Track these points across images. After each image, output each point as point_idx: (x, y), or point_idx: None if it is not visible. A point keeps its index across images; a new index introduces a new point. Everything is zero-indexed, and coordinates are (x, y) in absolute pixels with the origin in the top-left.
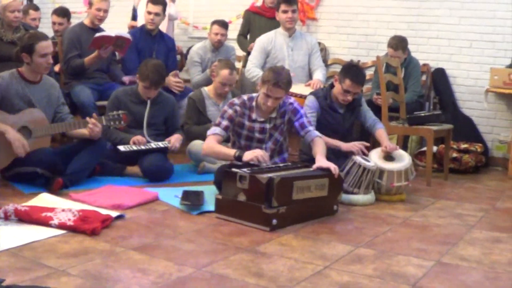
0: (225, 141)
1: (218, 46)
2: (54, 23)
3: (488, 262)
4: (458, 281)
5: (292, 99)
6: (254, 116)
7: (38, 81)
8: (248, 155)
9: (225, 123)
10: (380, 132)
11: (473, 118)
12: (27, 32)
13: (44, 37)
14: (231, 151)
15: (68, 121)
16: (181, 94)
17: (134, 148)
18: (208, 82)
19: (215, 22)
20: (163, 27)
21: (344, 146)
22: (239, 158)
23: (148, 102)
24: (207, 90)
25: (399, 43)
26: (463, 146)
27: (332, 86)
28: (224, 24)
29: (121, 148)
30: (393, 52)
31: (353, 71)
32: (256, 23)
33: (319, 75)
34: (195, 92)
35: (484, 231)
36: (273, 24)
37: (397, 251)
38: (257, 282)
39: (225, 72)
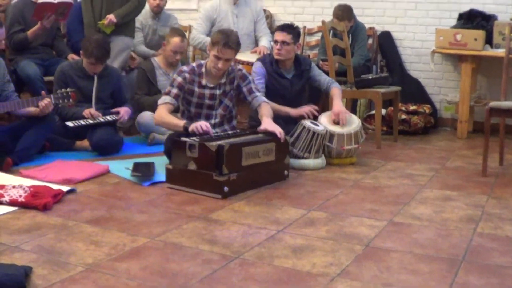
0: (175, 110)
1: (157, 11)
2: None
3: (440, 219)
4: (411, 239)
5: (240, 66)
6: (204, 82)
7: None
8: (192, 126)
9: (175, 91)
10: (334, 91)
11: (421, 79)
12: None
13: (1, 24)
14: (180, 122)
15: (13, 99)
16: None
17: (83, 123)
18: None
19: None
20: None
21: (293, 112)
22: (185, 129)
23: (95, 77)
24: (157, 60)
25: (344, 14)
26: (412, 107)
27: None
28: None
29: (70, 124)
30: (338, 23)
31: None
32: None
33: (265, 42)
34: (145, 62)
35: (434, 189)
36: None
37: (349, 213)
38: (211, 249)
39: (176, 39)
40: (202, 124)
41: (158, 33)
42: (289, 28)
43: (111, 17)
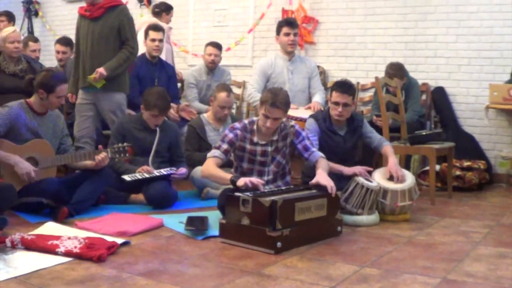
0: (228, 166)
1: (212, 68)
2: (57, 52)
3: (495, 277)
4: None
5: (293, 122)
6: (255, 139)
7: (44, 112)
8: (241, 181)
9: (225, 146)
10: (386, 148)
11: (475, 135)
12: (49, 70)
13: (65, 79)
14: (227, 175)
15: (70, 152)
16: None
17: (139, 177)
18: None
19: (209, 44)
20: (162, 55)
21: (346, 170)
22: (233, 182)
23: (158, 129)
24: (206, 116)
25: (396, 72)
26: (466, 163)
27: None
28: (217, 45)
29: (127, 178)
30: (390, 81)
31: (337, 82)
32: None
33: (318, 98)
34: (194, 119)
35: (489, 247)
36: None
37: (402, 270)
38: None
39: (222, 95)
40: (253, 179)
41: (212, 89)
42: (350, 90)
43: (101, 70)
